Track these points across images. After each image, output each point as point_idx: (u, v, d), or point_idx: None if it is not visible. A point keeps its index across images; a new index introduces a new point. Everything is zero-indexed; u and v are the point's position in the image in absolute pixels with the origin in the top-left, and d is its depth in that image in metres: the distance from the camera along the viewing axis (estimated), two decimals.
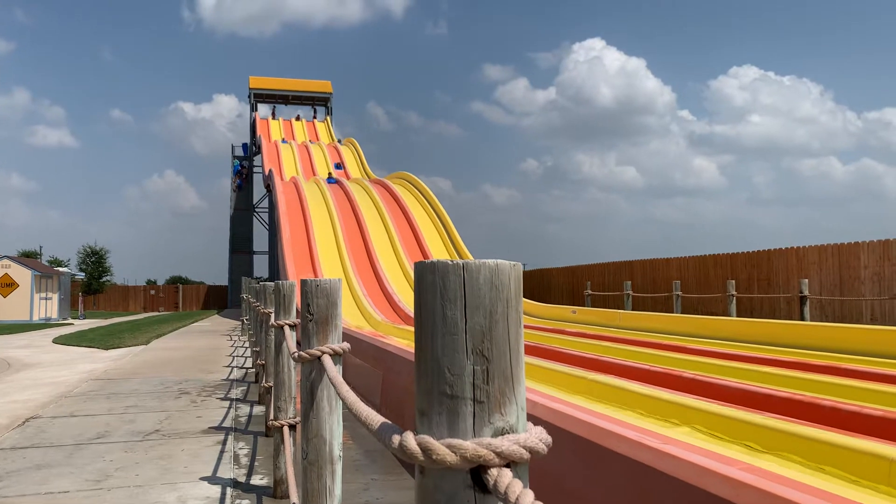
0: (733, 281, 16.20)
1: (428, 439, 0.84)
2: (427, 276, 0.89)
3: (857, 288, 15.40)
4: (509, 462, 0.85)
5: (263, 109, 43.95)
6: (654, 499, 2.33)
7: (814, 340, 8.09)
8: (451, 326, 0.87)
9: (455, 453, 0.82)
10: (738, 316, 15.23)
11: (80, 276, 39.16)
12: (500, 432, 0.86)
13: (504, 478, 0.80)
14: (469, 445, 0.83)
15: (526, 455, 0.84)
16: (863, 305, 14.97)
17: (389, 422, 1.01)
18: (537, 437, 0.87)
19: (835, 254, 16.18)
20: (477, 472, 0.84)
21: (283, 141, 35.93)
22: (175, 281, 55.67)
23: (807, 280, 14.11)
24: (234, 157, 44.29)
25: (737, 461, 2.38)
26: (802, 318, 13.24)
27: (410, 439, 0.86)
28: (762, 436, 3.90)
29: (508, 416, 0.87)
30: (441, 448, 0.83)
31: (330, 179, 24.58)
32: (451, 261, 0.89)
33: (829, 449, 3.52)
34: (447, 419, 0.86)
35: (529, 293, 28.04)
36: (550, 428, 3.04)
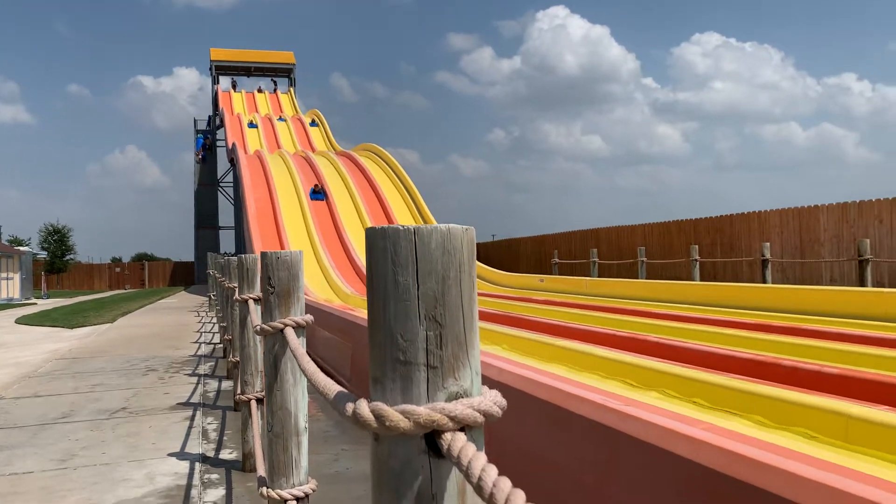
0: (696, 246, 16.42)
1: (381, 406, 0.84)
2: (378, 243, 0.88)
3: (817, 250, 15.71)
4: (464, 426, 0.85)
5: (225, 82, 43.19)
6: (617, 460, 2.37)
7: (775, 302, 8.25)
8: (403, 292, 0.86)
9: (408, 419, 0.82)
10: (701, 280, 15.46)
11: (42, 255, 38.40)
12: (455, 397, 0.86)
13: (458, 442, 0.80)
14: (423, 411, 0.82)
15: (480, 418, 0.84)
16: (822, 267, 15.29)
17: (345, 391, 1.00)
18: (491, 401, 0.87)
19: (795, 217, 16.46)
20: (432, 438, 0.84)
21: (251, 125, 34.25)
22: (141, 258, 54.94)
23: (768, 244, 14.34)
24: (197, 131, 43.55)
25: (699, 421, 2.42)
26: (764, 281, 13.49)
27: (364, 407, 0.86)
28: (724, 396, 3.98)
29: (462, 381, 0.87)
30: (395, 414, 0.82)
31: (317, 195, 22.84)
32: (403, 226, 0.88)
33: (788, 407, 3.60)
34: (401, 385, 0.86)
35: (498, 263, 28.15)
36: (517, 393, 3.07)
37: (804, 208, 16.32)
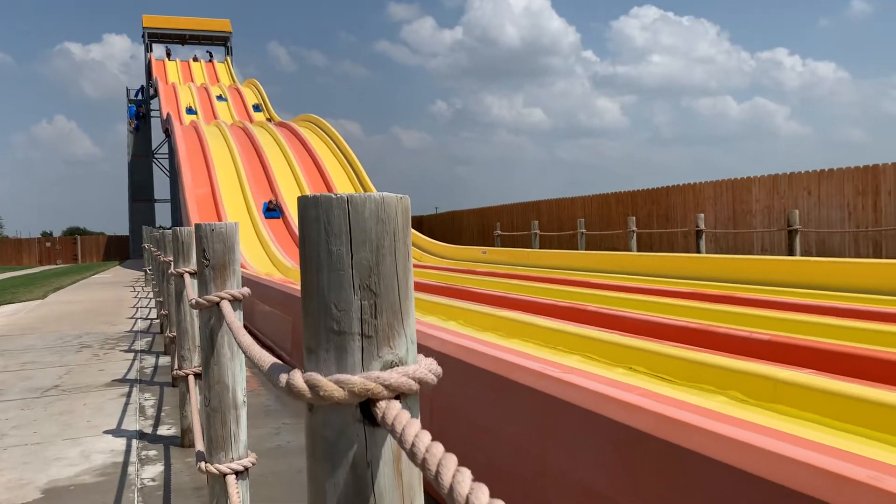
0: (634, 217, 16.73)
1: (315, 376, 0.83)
2: (311, 211, 0.87)
3: (749, 221, 16.19)
4: (399, 394, 0.85)
5: (158, 50, 41.82)
6: (557, 427, 2.41)
7: (709, 272, 8.49)
8: (336, 262, 0.85)
9: (343, 388, 0.81)
10: (638, 251, 15.79)
11: None
12: (390, 365, 0.86)
13: (392, 409, 0.80)
14: (357, 380, 0.82)
15: (415, 386, 0.84)
16: (754, 237, 15.77)
17: (280, 362, 0.99)
18: (427, 368, 0.87)
19: (729, 189, 16.90)
20: (367, 406, 0.84)
21: (190, 111, 31.77)
22: (73, 232, 53.21)
23: (703, 215, 14.70)
24: (130, 100, 42.17)
25: (635, 387, 2.48)
26: (698, 251, 13.85)
27: (298, 377, 0.85)
28: (660, 363, 4.09)
29: (398, 350, 0.87)
30: (328, 384, 0.81)
31: (272, 213, 20.50)
32: (336, 194, 0.87)
33: (721, 372, 3.73)
34: (335, 355, 0.85)
35: (441, 235, 28.21)
36: (459, 364, 3.09)
37: (737, 180, 16.76)
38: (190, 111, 30.76)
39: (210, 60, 41.10)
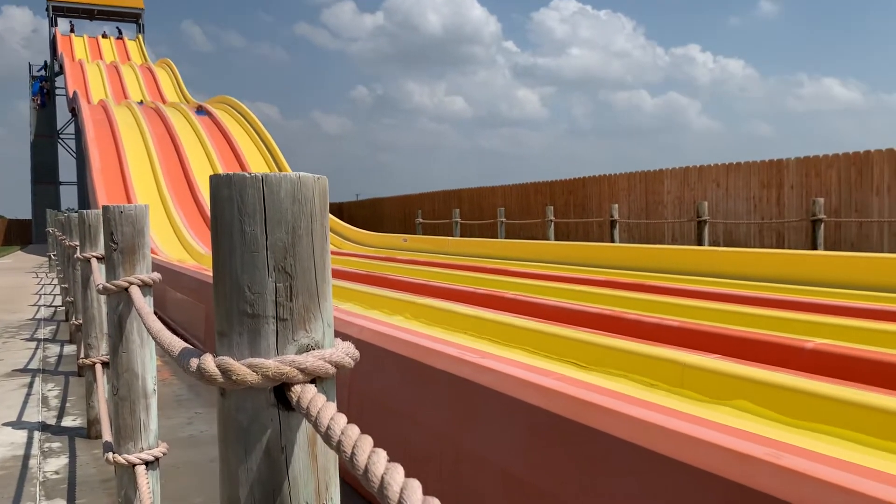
0: (552, 207, 17.04)
1: (227, 360, 0.81)
2: (223, 191, 0.84)
3: (661, 212, 16.72)
4: (315, 378, 0.83)
5: (63, 25, 39.84)
6: (475, 411, 2.43)
7: (622, 261, 8.73)
8: (250, 243, 0.83)
9: (256, 372, 0.79)
10: (555, 240, 16.09)
11: None
12: (306, 349, 0.84)
13: (308, 393, 0.78)
14: (271, 364, 0.80)
15: (331, 370, 0.83)
16: (665, 227, 16.31)
17: (191, 347, 0.96)
18: (343, 352, 0.86)
19: (642, 181, 17.40)
20: (281, 391, 0.82)
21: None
22: None
23: (617, 205, 15.11)
24: (33, 76, 40.08)
25: (549, 371, 2.53)
26: (612, 241, 14.23)
27: (209, 361, 0.82)
28: (574, 348, 4.19)
29: (314, 333, 0.85)
30: (241, 368, 0.80)
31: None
32: (250, 173, 0.85)
33: (630, 357, 3.84)
34: (248, 339, 0.83)
35: (362, 223, 27.99)
36: (377, 350, 3.08)
37: (650, 172, 17.27)
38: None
39: (119, 37, 39.44)
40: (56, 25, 39.35)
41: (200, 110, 24.59)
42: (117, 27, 40.19)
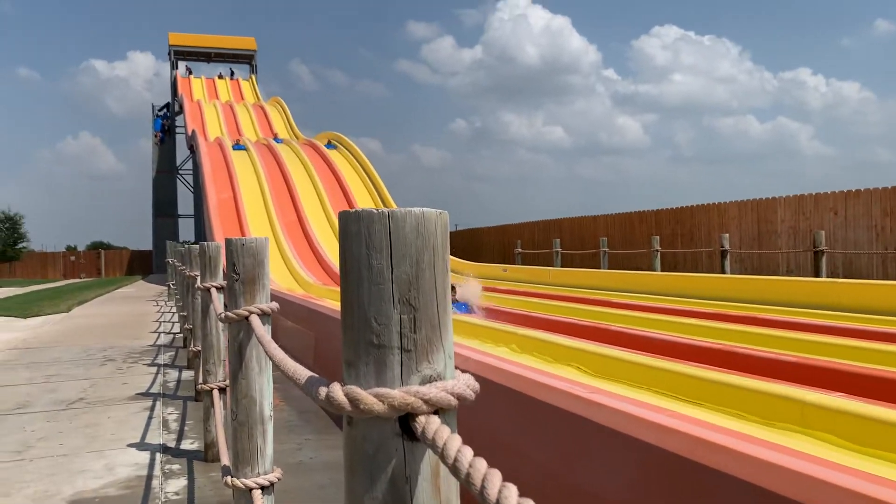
0: (657, 237, 16.63)
1: (355, 389, 0.83)
2: (352, 226, 0.88)
3: (774, 241, 16.03)
4: (437, 409, 0.85)
5: (182, 68, 42.38)
6: (585, 447, 2.39)
7: (735, 292, 8.40)
8: (377, 276, 0.86)
9: (383, 402, 0.81)
10: (662, 270, 15.68)
11: None
12: (428, 380, 0.86)
13: (432, 424, 0.80)
14: (397, 394, 0.82)
15: (454, 401, 0.84)
16: (779, 258, 15.61)
17: (316, 375, 1.00)
18: (465, 384, 0.87)
19: (753, 209, 16.76)
20: (405, 421, 0.84)
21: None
22: (96, 246, 53.80)
23: (727, 234, 14.59)
24: (155, 113, 42.76)
25: (661, 408, 2.46)
26: (723, 271, 13.72)
27: (338, 390, 0.85)
28: (685, 384, 4.05)
29: (436, 364, 0.87)
30: (368, 397, 0.82)
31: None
32: (377, 209, 0.88)
33: (746, 394, 3.68)
34: (374, 369, 0.85)
35: (461, 252, 28.19)
36: (482, 381, 3.08)
37: (762, 200, 16.63)
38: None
39: (233, 78, 41.58)
40: (177, 68, 41.91)
41: (330, 144, 25.91)
42: (230, 68, 42.40)
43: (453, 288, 8.40)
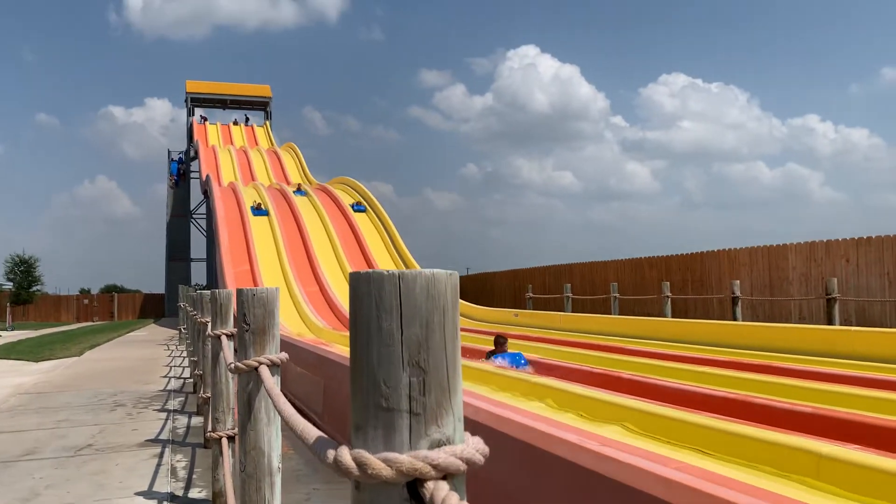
0: (668, 283, 16.57)
1: (363, 454, 0.83)
2: (362, 287, 0.88)
3: (786, 288, 15.93)
4: (446, 474, 0.84)
5: (197, 114, 43.11)
6: (595, 499, 2.36)
7: (746, 340, 8.33)
8: (386, 338, 0.86)
9: (391, 467, 0.81)
10: (673, 316, 15.57)
11: (8, 285, 37.70)
12: (437, 444, 0.85)
13: (440, 490, 0.79)
14: (405, 459, 0.82)
15: (462, 466, 0.84)
16: (791, 305, 15.49)
17: (325, 436, 0.99)
18: (474, 448, 0.86)
19: (764, 255, 16.70)
20: (413, 486, 0.83)
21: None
22: (110, 289, 54.09)
23: (738, 281, 14.52)
24: (172, 158, 43.35)
25: (672, 460, 2.43)
26: (735, 318, 13.62)
27: (345, 454, 0.85)
28: (697, 435, 4.00)
29: (445, 428, 0.87)
30: (376, 462, 0.81)
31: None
32: (387, 271, 0.88)
33: (760, 445, 3.62)
34: (383, 433, 0.85)
35: (473, 297, 28.14)
36: (493, 433, 3.05)
37: (773, 247, 16.58)
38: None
39: (248, 124, 42.20)
40: (193, 115, 42.63)
41: (359, 206, 25.45)
42: (245, 114, 43.06)
43: (504, 339, 8.33)
